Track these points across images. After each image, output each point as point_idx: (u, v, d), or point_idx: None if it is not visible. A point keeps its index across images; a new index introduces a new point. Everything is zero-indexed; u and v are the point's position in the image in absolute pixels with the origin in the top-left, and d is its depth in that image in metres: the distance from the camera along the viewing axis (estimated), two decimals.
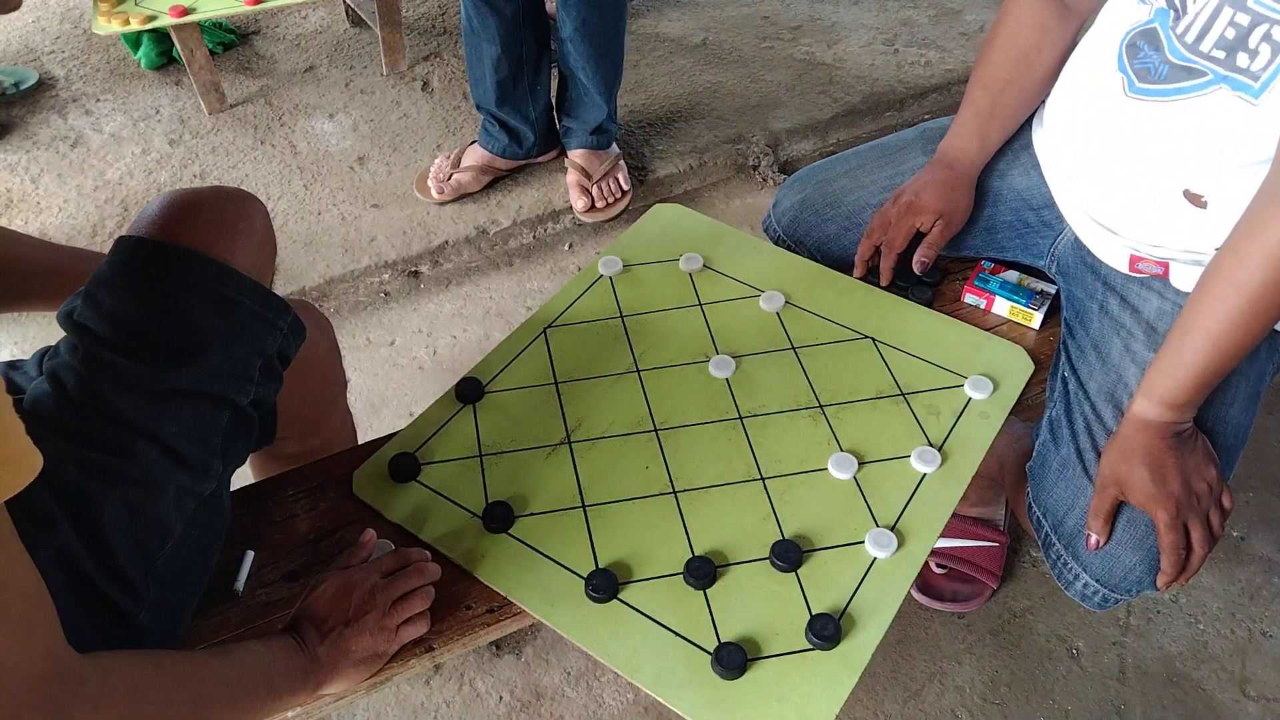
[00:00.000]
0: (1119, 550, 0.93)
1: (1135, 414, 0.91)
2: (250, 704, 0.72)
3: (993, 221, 1.17)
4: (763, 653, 0.82)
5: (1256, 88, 0.84)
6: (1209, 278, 0.85)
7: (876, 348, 1.09)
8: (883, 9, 2.57)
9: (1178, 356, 0.87)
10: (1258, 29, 0.81)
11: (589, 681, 1.26)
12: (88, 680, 0.58)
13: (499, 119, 1.90)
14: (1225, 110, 0.87)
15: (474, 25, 1.77)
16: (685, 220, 1.26)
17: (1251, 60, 0.83)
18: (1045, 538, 1.00)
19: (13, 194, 1.97)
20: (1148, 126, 0.93)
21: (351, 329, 1.76)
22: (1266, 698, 1.25)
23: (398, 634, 0.82)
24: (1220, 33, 0.84)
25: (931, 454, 0.96)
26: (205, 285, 0.77)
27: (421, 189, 1.97)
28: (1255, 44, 0.82)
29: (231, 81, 2.29)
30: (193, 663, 0.69)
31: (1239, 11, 0.82)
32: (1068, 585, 0.99)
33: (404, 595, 0.83)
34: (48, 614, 0.57)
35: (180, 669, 0.67)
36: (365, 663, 0.80)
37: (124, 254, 0.77)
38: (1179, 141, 0.91)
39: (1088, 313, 1.05)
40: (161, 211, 0.79)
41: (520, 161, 2.00)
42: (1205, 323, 0.85)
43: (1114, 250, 1.03)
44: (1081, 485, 0.97)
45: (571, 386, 1.05)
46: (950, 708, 1.24)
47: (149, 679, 0.63)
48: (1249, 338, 0.85)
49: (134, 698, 0.61)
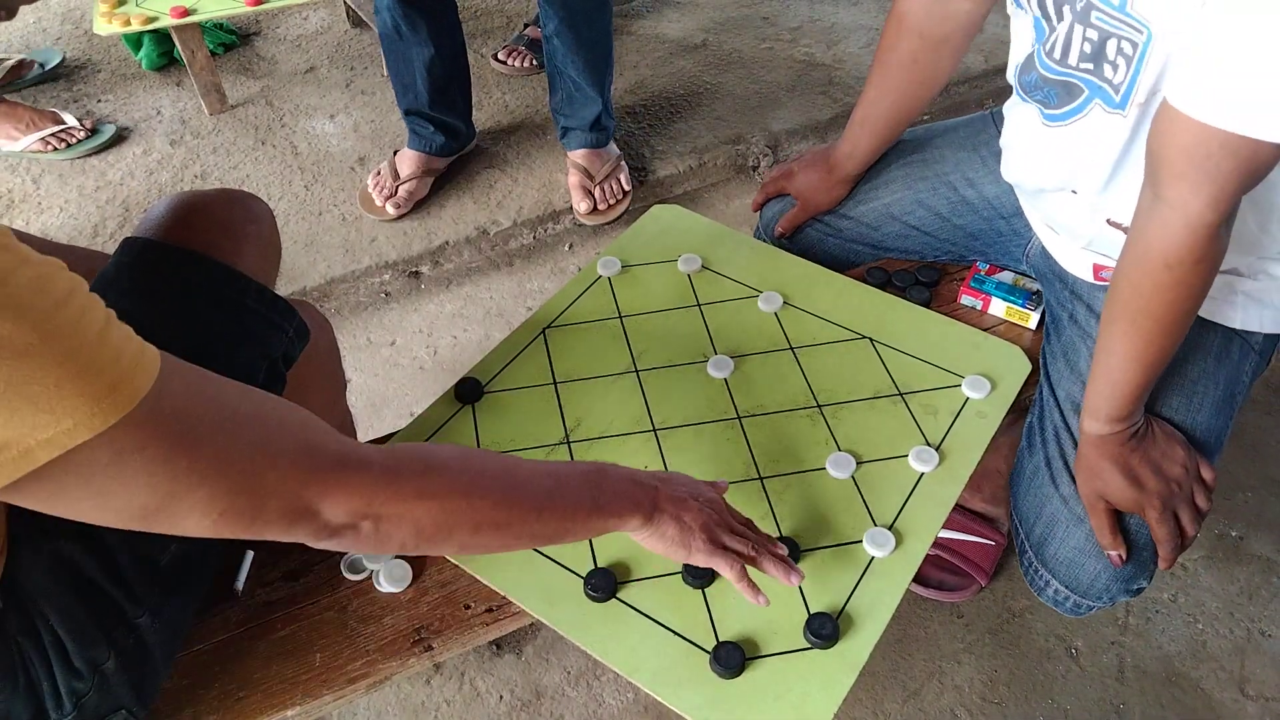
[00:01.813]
0: (1082, 558, 0.95)
1: (1088, 433, 0.92)
2: (568, 511, 0.73)
3: (970, 230, 1.18)
4: (761, 652, 0.82)
5: (1118, 99, 0.84)
6: (1113, 303, 0.86)
7: (874, 348, 1.09)
8: (882, 10, 2.57)
9: (1109, 376, 0.89)
10: (1109, 42, 0.82)
11: (589, 681, 1.26)
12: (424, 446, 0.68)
13: (432, 119, 1.89)
14: (1102, 127, 0.88)
15: (401, 32, 1.75)
16: (684, 221, 1.27)
17: (1114, 71, 0.83)
18: (1020, 544, 1.01)
19: (14, 194, 1.98)
20: (1058, 150, 0.94)
21: (352, 329, 1.76)
22: (1265, 697, 1.25)
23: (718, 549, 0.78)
24: (1080, 47, 0.84)
25: (929, 453, 0.96)
26: (211, 288, 0.78)
27: (369, 207, 1.93)
28: (1113, 55, 0.82)
29: (232, 82, 2.30)
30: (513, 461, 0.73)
31: (1087, 27, 0.83)
32: (1039, 591, 1.00)
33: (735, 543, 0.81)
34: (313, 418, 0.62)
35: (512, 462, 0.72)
36: (684, 537, 0.77)
37: (130, 255, 0.77)
38: (1082, 165, 0.92)
39: (1060, 320, 1.07)
40: (168, 214, 0.80)
41: (455, 156, 2.00)
42: (1123, 345, 0.86)
43: (1077, 260, 1.04)
44: (1048, 493, 0.98)
45: (571, 387, 1.05)
46: (949, 707, 1.24)
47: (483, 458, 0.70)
48: (1170, 347, 0.86)
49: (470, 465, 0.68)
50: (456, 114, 1.93)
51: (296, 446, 0.59)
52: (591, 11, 1.75)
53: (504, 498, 0.68)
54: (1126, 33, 0.80)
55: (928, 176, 1.19)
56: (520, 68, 2.31)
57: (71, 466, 0.50)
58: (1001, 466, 1.25)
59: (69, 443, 0.49)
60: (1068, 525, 0.96)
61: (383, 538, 0.63)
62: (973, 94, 2.31)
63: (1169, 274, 0.80)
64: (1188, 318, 0.84)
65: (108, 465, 0.51)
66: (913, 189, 1.19)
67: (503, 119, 2.18)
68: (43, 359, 0.48)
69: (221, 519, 0.56)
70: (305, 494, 0.59)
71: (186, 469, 0.54)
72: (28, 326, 0.47)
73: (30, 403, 0.47)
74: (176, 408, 0.54)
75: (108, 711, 0.72)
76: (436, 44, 1.77)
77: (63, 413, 0.48)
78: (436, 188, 1.98)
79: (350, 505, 0.60)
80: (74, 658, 0.68)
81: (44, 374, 0.48)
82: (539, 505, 0.71)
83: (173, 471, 0.53)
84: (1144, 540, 0.94)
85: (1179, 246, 0.78)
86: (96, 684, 0.70)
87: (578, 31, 1.75)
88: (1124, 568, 0.93)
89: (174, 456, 0.53)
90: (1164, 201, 0.78)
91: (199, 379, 0.57)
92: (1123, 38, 0.80)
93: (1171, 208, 0.77)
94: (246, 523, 0.57)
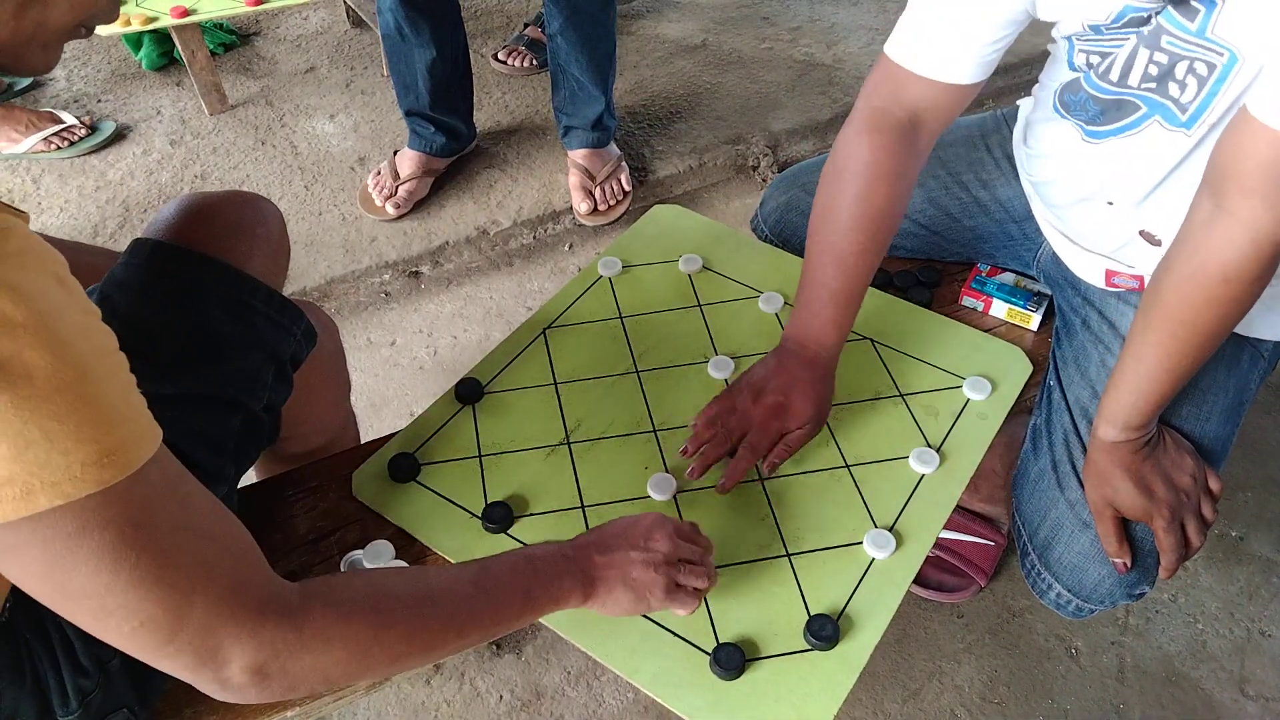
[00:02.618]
0: (1087, 564, 0.94)
1: (1101, 439, 0.91)
2: (506, 613, 0.70)
3: (980, 232, 1.17)
4: (761, 653, 0.82)
5: (1185, 119, 0.83)
6: (1154, 313, 0.85)
7: (875, 349, 1.09)
8: (882, 10, 2.57)
9: (1135, 384, 0.88)
10: (1179, 64, 0.80)
11: (589, 681, 1.26)
12: (332, 584, 0.63)
13: (433, 119, 1.89)
14: (1161, 143, 0.86)
15: (404, 34, 1.75)
16: (685, 221, 1.27)
17: (1182, 91, 0.82)
18: (1023, 546, 1.01)
19: (14, 194, 1.98)
20: (1101, 164, 0.93)
21: (352, 329, 1.76)
22: (1265, 697, 1.25)
23: (674, 593, 0.76)
24: (1144, 69, 0.83)
25: (930, 455, 0.96)
26: (221, 290, 0.78)
27: (369, 207, 1.94)
28: (1182, 76, 0.81)
29: (232, 82, 2.30)
30: (438, 574, 0.69)
31: (1155, 51, 0.81)
32: (1041, 594, 1.00)
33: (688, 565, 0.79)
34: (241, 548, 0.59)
35: (428, 578, 0.68)
36: (636, 596, 0.75)
37: (140, 257, 0.77)
38: (1127, 178, 0.91)
39: (1071, 325, 1.06)
40: (178, 215, 0.80)
41: (455, 156, 2.00)
42: (1157, 355, 0.85)
43: (1090, 267, 1.04)
44: (1054, 497, 0.97)
45: (571, 387, 1.05)
46: (949, 707, 1.24)
47: (395, 584, 0.65)
48: (1201, 359, 0.85)
49: (379, 599, 0.63)
50: (458, 115, 1.93)
51: (231, 577, 0.56)
52: (596, 11, 1.75)
53: (420, 624, 0.65)
54: (1204, 55, 0.78)
55: (939, 175, 1.18)
56: (520, 68, 2.31)
57: (41, 526, 0.48)
58: (998, 466, 1.25)
59: (72, 492, 0.48)
60: (1073, 530, 0.95)
61: (290, 690, 0.60)
62: None
63: (1225, 288, 0.79)
64: (1227, 333, 0.83)
65: (69, 536, 0.49)
66: (924, 186, 1.18)
67: (503, 119, 2.18)
68: (72, 399, 0.47)
69: (137, 630, 0.53)
70: (220, 632, 0.55)
71: (131, 566, 0.51)
72: (68, 364, 0.47)
73: (47, 439, 0.47)
74: (148, 497, 0.52)
75: (110, 710, 0.72)
76: (439, 46, 1.77)
77: (74, 458, 0.48)
78: (436, 188, 1.98)
79: (257, 658, 0.57)
80: (80, 655, 0.68)
81: (69, 414, 0.47)
82: (459, 622, 0.67)
83: (117, 564, 0.51)
84: (1149, 547, 0.93)
85: (1242, 261, 0.77)
86: (102, 682, 0.70)
87: (582, 30, 1.75)
88: (1128, 574, 0.93)
89: (125, 548, 0.51)
90: (1229, 214, 0.77)
91: (178, 476, 0.56)
92: (1197, 59, 0.79)
93: (1238, 221, 0.76)
94: (157, 643, 0.54)
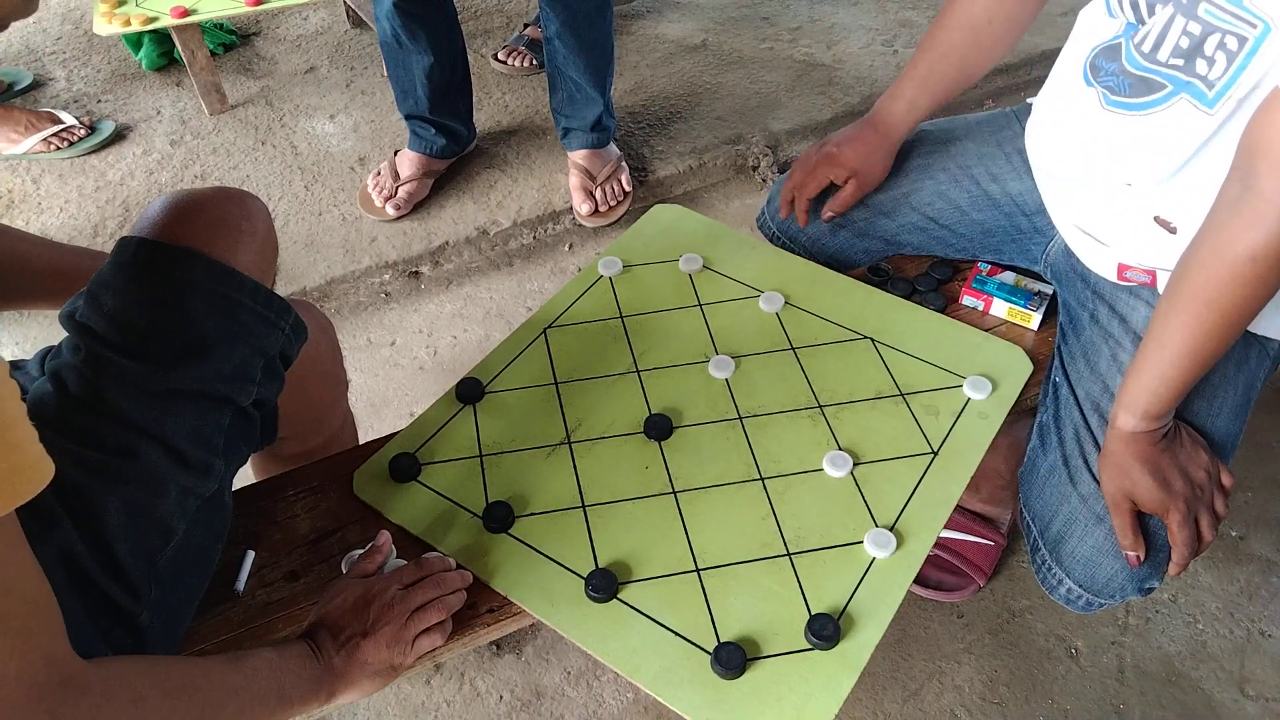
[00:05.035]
0: (1101, 558, 0.94)
1: (1121, 428, 0.91)
2: (259, 713, 0.71)
3: (988, 225, 1.17)
4: (762, 652, 0.82)
5: (1210, 96, 0.83)
6: (1179, 294, 0.85)
7: (875, 348, 1.09)
8: (882, 10, 2.57)
9: (1157, 371, 0.87)
10: (1210, 38, 0.80)
11: (589, 681, 1.26)
12: (90, 688, 0.58)
13: (433, 122, 1.89)
14: (1184, 123, 0.86)
15: (401, 42, 1.76)
16: (685, 221, 1.27)
17: (1209, 68, 0.82)
18: (1033, 542, 1.01)
19: (14, 194, 1.98)
20: (1120, 140, 0.92)
21: (352, 329, 1.76)
22: (1265, 697, 1.25)
23: (414, 646, 0.81)
24: (1175, 41, 0.83)
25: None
26: (207, 286, 0.77)
27: (369, 207, 1.94)
28: (1211, 52, 0.81)
29: (232, 82, 2.30)
30: (200, 670, 0.68)
31: (1190, 20, 0.81)
32: (1052, 590, 1.00)
33: (422, 606, 0.83)
34: (51, 620, 0.57)
35: (186, 676, 0.66)
36: (380, 675, 0.79)
37: (126, 254, 0.77)
38: (1146, 158, 0.91)
39: (1079, 320, 1.06)
40: (163, 212, 0.80)
41: (455, 158, 2.00)
42: (1181, 337, 0.85)
43: (1102, 259, 1.03)
44: (1066, 492, 0.97)
45: (571, 387, 1.05)
46: (949, 707, 1.24)
47: (153, 686, 0.63)
48: (1225, 345, 0.85)
49: (137, 706, 0.61)
50: (457, 118, 1.93)
51: (45, 649, 0.56)
52: (593, 13, 1.75)
53: None
54: (1237, 27, 0.78)
55: (949, 168, 1.17)
56: (520, 68, 2.31)
57: None
58: (1000, 467, 1.25)
59: None
60: (1086, 524, 0.95)
61: None
62: (971, 94, 2.31)
63: (1251, 267, 0.78)
64: (1251, 317, 0.83)
65: None
66: (934, 179, 1.18)
67: (503, 119, 2.18)
68: None
69: None
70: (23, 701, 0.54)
71: None
72: None
73: None
74: None
75: None
76: (436, 52, 1.78)
77: None
78: (436, 188, 1.98)
79: None
80: None
81: None
82: None
83: None
84: (1161, 540, 0.93)
85: (1269, 240, 0.77)
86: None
87: (579, 33, 1.75)
88: (1139, 568, 0.93)
89: None
90: (1258, 195, 0.77)
91: (18, 541, 0.55)
92: (1229, 32, 0.79)
93: (1267, 201, 0.76)
94: None
